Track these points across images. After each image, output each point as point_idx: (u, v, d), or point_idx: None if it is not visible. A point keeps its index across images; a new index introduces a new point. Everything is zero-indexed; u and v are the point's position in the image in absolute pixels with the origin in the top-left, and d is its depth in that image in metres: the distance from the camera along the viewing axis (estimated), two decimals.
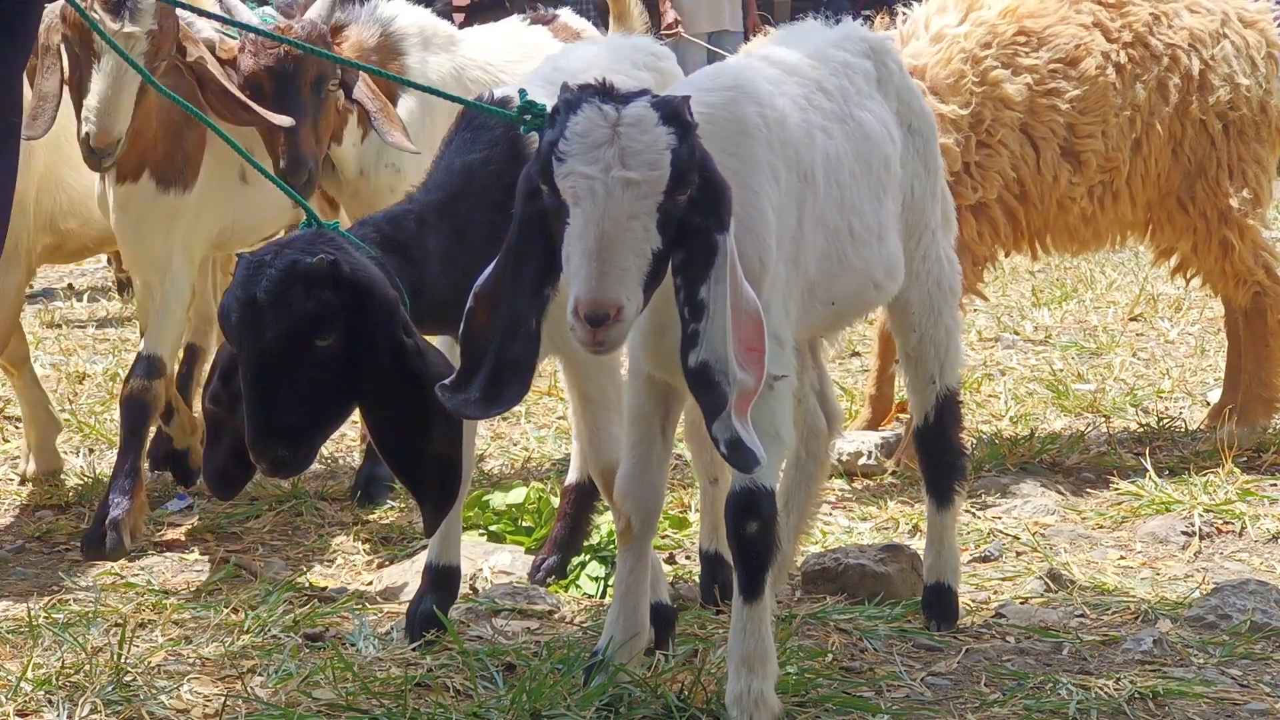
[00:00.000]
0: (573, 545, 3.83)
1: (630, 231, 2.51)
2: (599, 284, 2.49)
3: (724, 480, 3.50)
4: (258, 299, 2.81)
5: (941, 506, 3.47)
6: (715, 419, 2.58)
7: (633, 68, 3.63)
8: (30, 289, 8.27)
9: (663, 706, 2.88)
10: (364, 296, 2.87)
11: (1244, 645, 3.35)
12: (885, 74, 3.30)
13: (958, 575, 3.52)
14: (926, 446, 3.48)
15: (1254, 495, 4.48)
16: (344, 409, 2.97)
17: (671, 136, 2.54)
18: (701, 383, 2.58)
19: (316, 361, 2.85)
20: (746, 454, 2.58)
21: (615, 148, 2.52)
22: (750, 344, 2.62)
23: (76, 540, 4.15)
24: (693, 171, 2.56)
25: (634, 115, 2.55)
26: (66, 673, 3.08)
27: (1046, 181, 4.75)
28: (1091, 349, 6.71)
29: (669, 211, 2.54)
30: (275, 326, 2.81)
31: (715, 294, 2.58)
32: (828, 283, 3.04)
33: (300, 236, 2.97)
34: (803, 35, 3.33)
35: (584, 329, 2.49)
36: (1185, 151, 4.86)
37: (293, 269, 2.83)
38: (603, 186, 2.51)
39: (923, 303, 3.39)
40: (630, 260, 2.51)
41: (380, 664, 3.20)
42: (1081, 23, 4.80)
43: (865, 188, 3.12)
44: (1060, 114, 4.74)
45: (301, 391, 2.85)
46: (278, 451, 2.87)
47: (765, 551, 2.79)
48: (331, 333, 2.85)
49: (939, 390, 3.42)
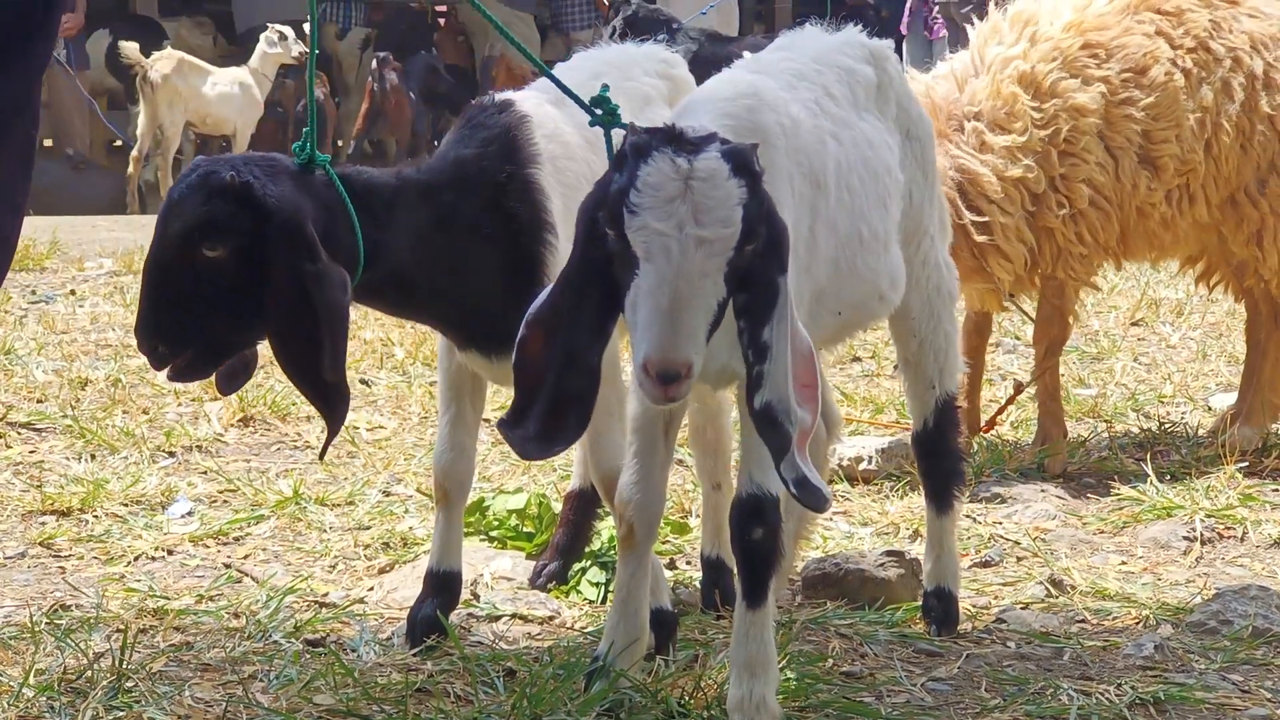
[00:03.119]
0: (574, 551, 3.83)
1: (702, 290, 2.50)
2: (672, 343, 2.47)
3: (727, 486, 3.51)
4: (173, 196, 2.98)
5: (941, 511, 3.48)
6: (782, 459, 2.58)
7: (644, 75, 3.63)
8: (33, 294, 8.30)
9: (664, 712, 2.89)
10: (267, 220, 2.94)
11: (1245, 650, 3.35)
12: (885, 80, 3.31)
13: (958, 580, 3.53)
14: (926, 452, 3.49)
15: (1255, 500, 4.48)
16: (239, 326, 3.03)
17: (743, 190, 2.51)
18: (767, 423, 2.58)
19: (204, 269, 2.95)
20: (814, 492, 2.58)
21: (688, 204, 2.49)
22: (805, 380, 2.61)
23: (78, 545, 4.15)
24: (761, 224, 2.54)
25: (706, 169, 2.51)
26: (68, 678, 3.09)
27: (1126, 189, 4.81)
28: (1093, 353, 6.71)
29: (737, 264, 2.53)
30: (173, 224, 2.95)
31: (778, 334, 2.57)
32: (836, 291, 3.04)
33: (261, 157, 3.07)
34: (806, 41, 3.33)
35: (654, 385, 2.48)
36: (1254, 147, 4.93)
37: (206, 179, 2.96)
38: (677, 245, 2.48)
39: (922, 308, 3.40)
40: (701, 319, 2.50)
41: (381, 669, 3.20)
42: (1145, 32, 4.87)
43: (873, 194, 3.12)
44: (1136, 122, 4.80)
45: (186, 294, 2.96)
46: (157, 346, 3.00)
47: (769, 558, 2.80)
48: (220, 245, 2.93)
49: (938, 395, 3.43)
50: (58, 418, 5.39)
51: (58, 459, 4.98)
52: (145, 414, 5.52)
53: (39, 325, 7.28)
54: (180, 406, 5.66)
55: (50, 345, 6.73)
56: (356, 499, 4.53)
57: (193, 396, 5.77)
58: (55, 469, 4.87)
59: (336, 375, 3.00)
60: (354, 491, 4.58)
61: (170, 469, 4.90)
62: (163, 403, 5.70)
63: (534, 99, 3.34)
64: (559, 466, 4.83)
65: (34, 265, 8.94)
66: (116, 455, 4.98)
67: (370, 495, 4.57)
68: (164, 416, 5.51)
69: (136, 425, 5.32)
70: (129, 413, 5.53)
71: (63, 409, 5.54)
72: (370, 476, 4.77)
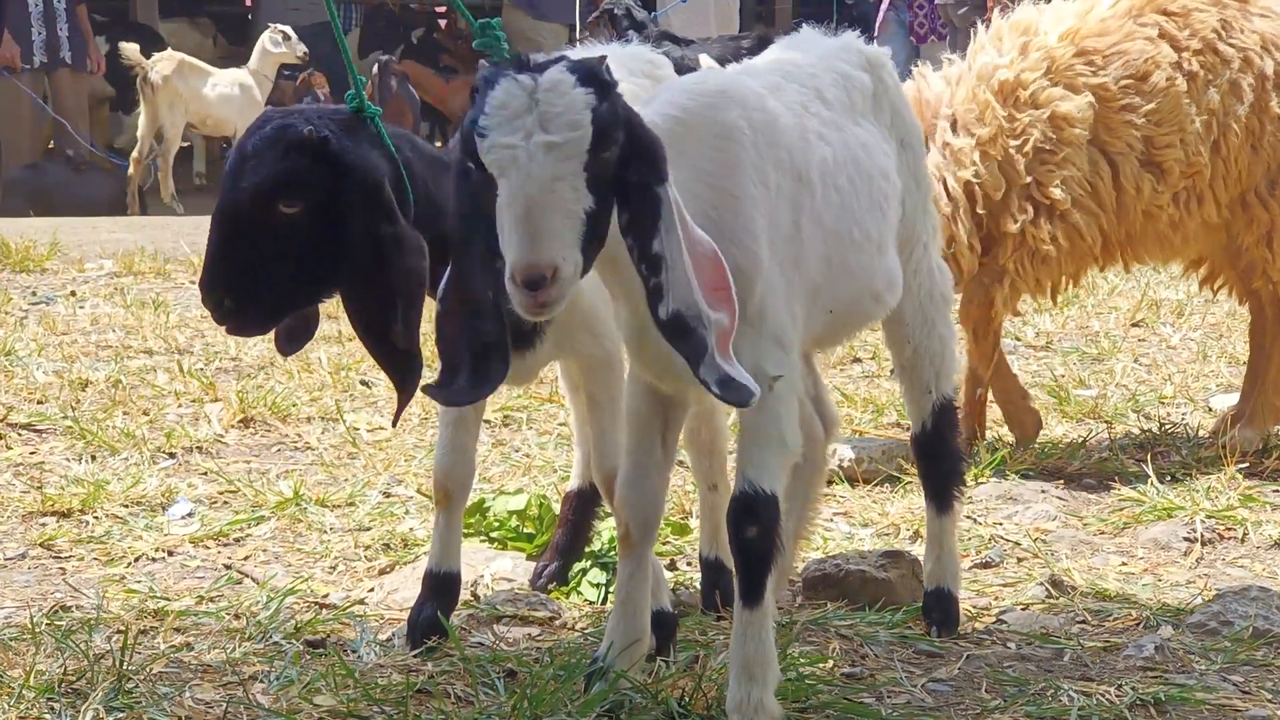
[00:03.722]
0: (574, 551, 3.83)
1: (557, 194, 2.52)
2: (531, 247, 2.50)
3: (723, 486, 3.51)
4: (245, 149, 2.93)
5: (941, 511, 3.48)
6: (700, 363, 2.59)
7: (629, 75, 3.63)
8: (33, 295, 8.30)
9: (664, 713, 2.89)
10: (345, 176, 2.92)
11: (1246, 651, 3.35)
12: (881, 88, 3.31)
13: (958, 580, 3.53)
14: (925, 453, 3.49)
15: (1256, 501, 4.48)
16: (311, 285, 3.00)
17: (590, 96, 2.55)
18: (677, 332, 2.60)
19: (279, 225, 2.91)
20: (739, 389, 2.60)
21: (534, 115, 2.53)
22: (715, 285, 2.63)
23: (78, 546, 4.15)
24: (616, 129, 2.57)
25: (550, 81, 2.55)
26: (69, 679, 3.09)
27: (1129, 193, 4.81)
28: (1093, 354, 6.71)
29: (597, 170, 2.55)
30: (248, 178, 2.90)
31: (669, 244, 2.59)
32: (829, 288, 3.03)
33: (333, 110, 3.03)
34: (804, 44, 3.35)
35: (523, 294, 2.51)
36: (1265, 148, 4.93)
37: (283, 132, 2.92)
38: (525, 154, 2.52)
39: (915, 315, 3.40)
40: (561, 221, 2.52)
41: (381, 670, 3.21)
42: (1147, 36, 4.87)
43: (865, 197, 3.11)
44: (1136, 128, 4.80)
45: (259, 249, 2.92)
46: (224, 299, 2.95)
47: (766, 556, 2.79)
48: (299, 200, 2.90)
49: (935, 400, 3.44)
50: (58, 419, 5.39)
51: (58, 460, 4.98)
52: (145, 415, 5.52)
53: (39, 326, 7.28)
54: (180, 408, 5.66)
55: (51, 346, 6.73)
56: (357, 500, 4.53)
57: (193, 398, 5.78)
58: (56, 470, 4.88)
59: (409, 343, 2.99)
60: (354, 493, 4.58)
61: (170, 470, 4.91)
62: (163, 404, 5.70)
63: None
64: (559, 467, 4.83)
65: (34, 266, 8.95)
66: (117, 456, 4.98)
67: (371, 496, 4.57)
68: (164, 417, 5.51)
69: (137, 426, 5.32)
70: (129, 414, 5.53)
71: (63, 410, 5.54)
72: (370, 478, 4.77)
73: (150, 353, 6.81)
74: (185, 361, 6.30)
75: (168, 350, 6.79)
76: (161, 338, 6.93)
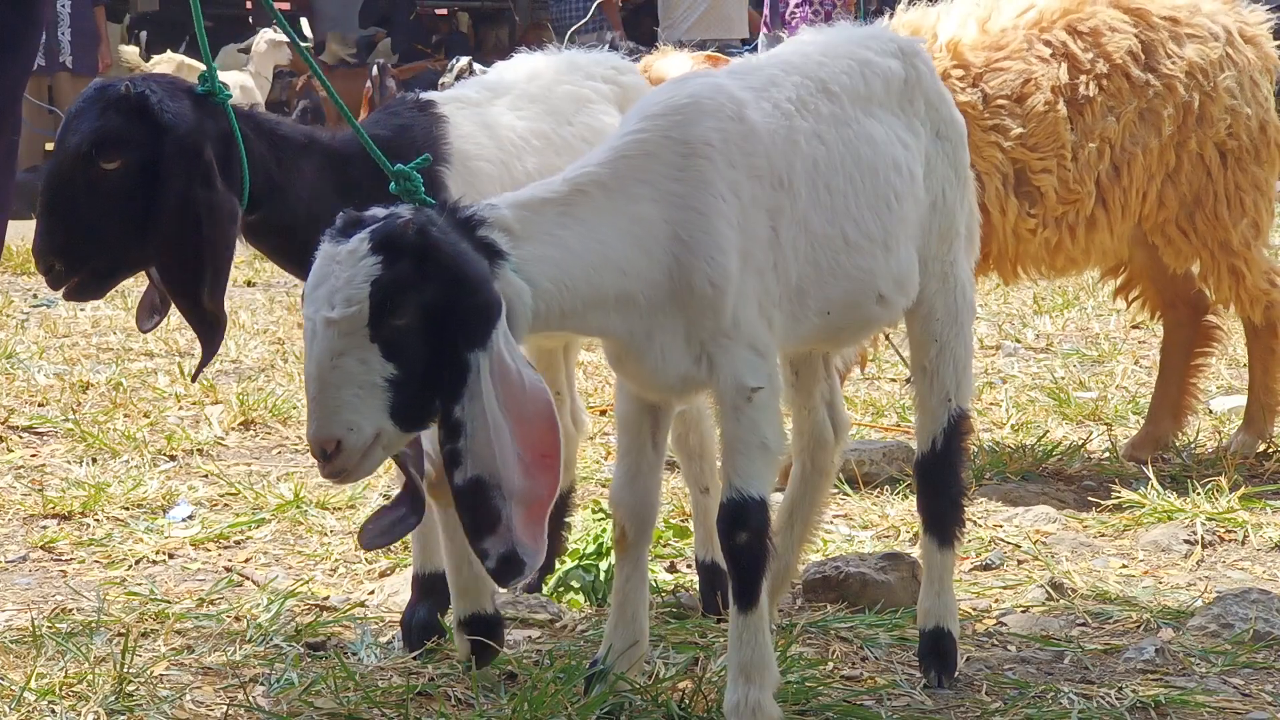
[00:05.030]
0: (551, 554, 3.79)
1: (340, 369, 2.49)
2: (314, 423, 2.51)
3: (714, 490, 3.48)
4: (70, 112, 3.01)
5: (942, 545, 3.25)
6: (483, 536, 2.54)
7: (586, 79, 3.61)
8: (34, 298, 8.31)
9: (663, 715, 2.89)
10: (164, 134, 2.96)
11: (1246, 654, 3.35)
12: (914, 77, 3.17)
13: (956, 619, 3.28)
14: (929, 478, 3.24)
15: (1256, 504, 4.47)
16: (134, 243, 3.04)
17: (376, 267, 2.49)
18: (469, 500, 2.54)
19: (100, 182, 2.97)
20: (516, 567, 2.55)
21: (327, 287, 2.51)
22: (543, 450, 2.57)
23: (79, 549, 4.15)
24: (406, 295, 2.50)
25: (345, 251, 2.51)
26: (69, 682, 3.09)
27: (994, 214, 4.61)
28: (1093, 356, 6.72)
29: (391, 338, 2.51)
30: (70, 138, 2.98)
31: (471, 412, 2.53)
32: (819, 291, 2.94)
33: (157, 75, 3.12)
34: (827, 34, 3.22)
35: (319, 464, 2.54)
36: (1182, 182, 4.76)
37: (102, 91, 3.00)
38: (311, 328, 2.51)
39: (947, 311, 3.20)
40: (350, 394, 2.50)
41: (382, 673, 3.21)
42: (1039, 55, 4.66)
43: (866, 193, 3.00)
44: (1003, 150, 4.62)
45: (82, 209, 2.98)
46: (54, 264, 3.05)
47: (757, 561, 2.79)
48: (117, 156, 2.96)
49: (953, 410, 3.20)
50: (59, 421, 5.40)
51: (59, 463, 4.99)
52: (146, 418, 5.53)
53: (40, 329, 7.29)
54: (181, 410, 5.67)
55: (52, 349, 6.74)
56: (357, 502, 4.53)
57: (194, 400, 5.78)
58: (56, 473, 4.88)
59: (215, 304, 3.04)
60: (355, 495, 4.58)
61: (171, 473, 4.91)
62: (164, 406, 5.71)
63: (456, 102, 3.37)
64: None
65: (35, 269, 8.94)
66: (118, 459, 4.98)
67: (371, 498, 4.57)
68: (165, 420, 5.52)
69: (138, 429, 5.33)
70: (130, 416, 5.54)
71: (64, 413, 5.54)
72: (371, 480, 4.77)
73: (151, 355, 6.82)
74: (186, 364, 6.31)
75: (168, 353, 6.80)
76: (162, 340, 6.94)
